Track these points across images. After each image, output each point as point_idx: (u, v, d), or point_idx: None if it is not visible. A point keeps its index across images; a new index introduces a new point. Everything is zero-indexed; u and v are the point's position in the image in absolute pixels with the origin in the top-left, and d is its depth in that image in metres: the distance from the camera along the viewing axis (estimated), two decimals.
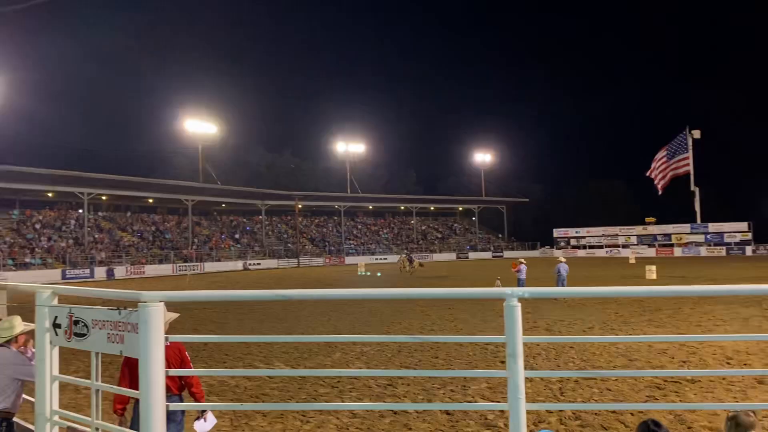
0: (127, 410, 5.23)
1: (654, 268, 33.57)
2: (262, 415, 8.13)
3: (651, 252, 70.15)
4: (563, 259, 24.72)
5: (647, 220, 74.84)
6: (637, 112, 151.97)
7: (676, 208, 77.65)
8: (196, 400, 5.47)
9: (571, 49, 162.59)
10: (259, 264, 62.08)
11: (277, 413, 8.13)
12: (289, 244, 70.39)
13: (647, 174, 73.21)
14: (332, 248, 72.87)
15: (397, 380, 9.89)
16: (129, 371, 5.16)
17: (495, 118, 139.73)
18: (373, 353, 12.39)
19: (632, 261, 53.79)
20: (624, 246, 74.31)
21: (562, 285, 23.33)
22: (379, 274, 45.27)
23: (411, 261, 47.22)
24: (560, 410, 7.86)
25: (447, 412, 8.00)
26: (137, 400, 5.12)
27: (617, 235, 76.59)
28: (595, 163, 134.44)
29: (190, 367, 5.84)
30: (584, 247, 78.14)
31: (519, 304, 3.33)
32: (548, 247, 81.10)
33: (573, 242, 79.91)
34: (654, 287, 3.64)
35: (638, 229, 75.13)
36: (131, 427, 4.71)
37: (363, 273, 47.94)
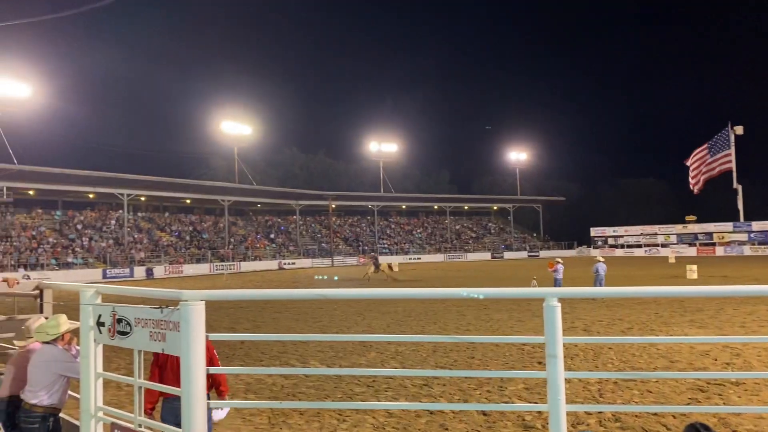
0: (155, 410, 5.29)
1: (695, 267, 32.81)
2: (299, 413, 8.19)
3: (692, 251, 68.51)
4: (601, 259, 24.32)
5: (687, 218, 73.12)
6: (676, 108, 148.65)
7: (716, 206, 75.83)
8: (221, 397, 5.51)
9: (609, 44, 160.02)
10: (293, 263, 62.62)
11: (313, 412, 8.19)
12: (323, 244, 70.83)
13: (687, 163, 71.30)
14: (366, 248, 73.06)
15: (433, 380, 9.86)
16: (159, 371, 5.24)
17: (529, 115, 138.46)
18: (408, 353, 12.37)
19: (672, 260, 52.68)
20: (663, 245, 72.73)
21: (600, 285, 22.96)
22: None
23: (377, 264, 42.06)
24: (599, 412, 7.74)
25: (483, 413, 7.95)
26: (165, 400, 5.23)
27: (656, 233, 75.02)
28: (632, 161, 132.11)
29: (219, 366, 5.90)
30: (622, 246, 76.76)
31: (559, 305, 3.29)
32: (585, 246, 79.92)
33: (610, 241, 78.59)
34: (695, 287, 3.55)
35: (678, 228, 73.45)
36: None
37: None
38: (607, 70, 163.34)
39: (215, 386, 5.54)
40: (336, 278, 16.80)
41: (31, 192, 55.27)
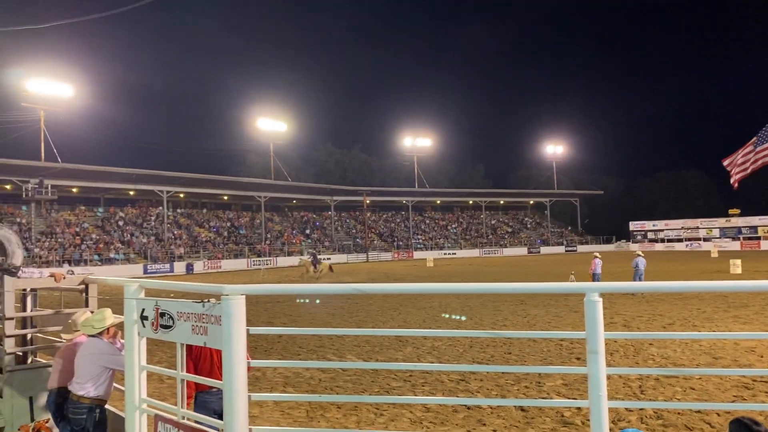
0: (189, 405, 5.37)
1: (739, 262, 31.94)
2: (336, 407, 8.25)
3: (735, 245, 66.65)
4: (641, 253, 23.88)
5: (731, 212, 71.18)
6: (719, 98, 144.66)
7: (761, 199, 73.63)
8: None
9: (649, 35, 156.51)
10: (329, 259, 62.97)
11: (351, 405, 8.24)
12: (358, 239, 71.09)
13: (724, 164, 69.43)
14: (400, 243, 73.06)
15: (470, 375, 9.82)
16: (193, 365, 5.33)
17: (566, 108, 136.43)
18: (444, 348, 12.35)
19: (714, 255, 51.40)
20: (705, 239, 70.96)
21: (640, 280, 22.55)
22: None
23: (316, 263, 38.81)
24: (641, 409, 7.61)
25: (521, 409, 7.89)
26: (197, 393, 5.32)
27: (698, 227, 73.22)
28: (673, 153, 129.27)
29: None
30: (662, 240, 75.17)
31: (600, 300, 3.24)
32: (624, 240, 78.52)
33: (650, 236, 77.05)
34: (739, 282, 3.45)
35: (721, 222, 71.56)
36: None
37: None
38: (646, 61, 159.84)
39: None
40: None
41: (74, 189, 56.84)
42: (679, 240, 73.72)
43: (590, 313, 3.25)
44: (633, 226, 79.21)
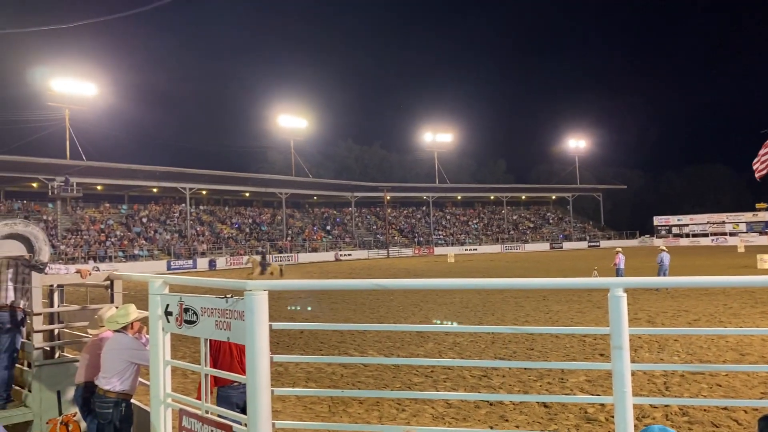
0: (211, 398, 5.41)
1: (767, 257, 31.37)
2: (358, 402, 8.27)
3: (762, 240, 65.49)
4: (665, 248, 23.58)
5: (758, 206, 69.91)
6: (745, 93, 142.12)
7: None
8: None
9: (674, 27, 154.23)
10: (350, 255, 63.19)
11: (373, 401, 8.25)
12: (379, 235, 71.16)
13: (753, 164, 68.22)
14: (421, 239, 72.98)
15: (492, 371, 9.78)
16: (213, 359, 5.38)
17: (589, 102, 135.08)
18: (466, 344, 12.31)
19: (741, 250, 50.53)
20: (731, 234, 69.83)
21: (665, 275, 22.27)
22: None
23: (264, 266, 35.53)
24: (666, 405, 7.52)
25: (544, 405, 7.84)
26: (219, 388, 5.36)
27: (724, 222, 72.08)
28: (697, 147, 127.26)
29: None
30: (687, 235, 74.15)
31: (624, 295, 3.20)
32: (648, 235, 77.57)
33: (675, 230, 76.03)
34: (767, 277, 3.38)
35: (747, 216, 70.40)
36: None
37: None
38: (671, 53, 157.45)
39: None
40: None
41: (98, 187, 57.67)
42: (705, 235, 72.65)
43: (614, 308, 3.22)
44: (657, 220, 78.23)
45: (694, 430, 6.84)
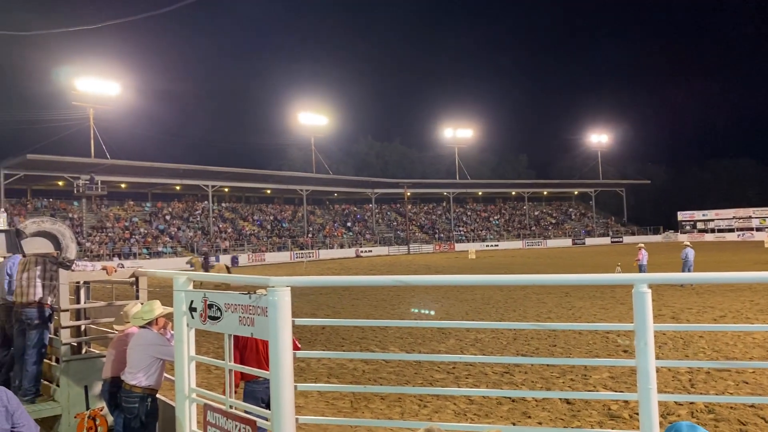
0: (237, 393, 5.47)
1: None
2: (380, 398, 8.30)
3: None
4: (689, 244, 23.26)
5: None
6: None
7: None
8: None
9: (699, 19, 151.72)
10: (370, 251, 63.27)
11: (395, 396, 8.27)
12: (399, 232, 71.14)
13: None
14: (442, 235, 72.82)
15: (514, 368, 9.75)
16: (239, 355, 5.42)
17: (611, 96, 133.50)
18: (487, 340, 12.28)
19: None
20: (758, 229, 68.49)
21: (689, 271, 21.98)
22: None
23: (208, 266, 30.92)
24: (691, 402, 7.43)
25: (567, 401, 7.79)
26: (246, 383, 5.41)
27: (750, 217, 70.74)
28: (722, 141, 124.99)
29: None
30: (712, 230, 72.96)
31: (649, 291, 3.17)
32: (672, 231, 76.48)
33: (699, 226, 74.85)
34: None
35: None
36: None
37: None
38: (695, 46, 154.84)
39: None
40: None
41: (123, 185, 58.42)
42: (731, 230, 71.43)
43: (639, 304, 3.18)
44: (681, 216, 77.13)
45: (720, 427, 6.76)
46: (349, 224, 70.30)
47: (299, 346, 5.30)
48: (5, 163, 47.11)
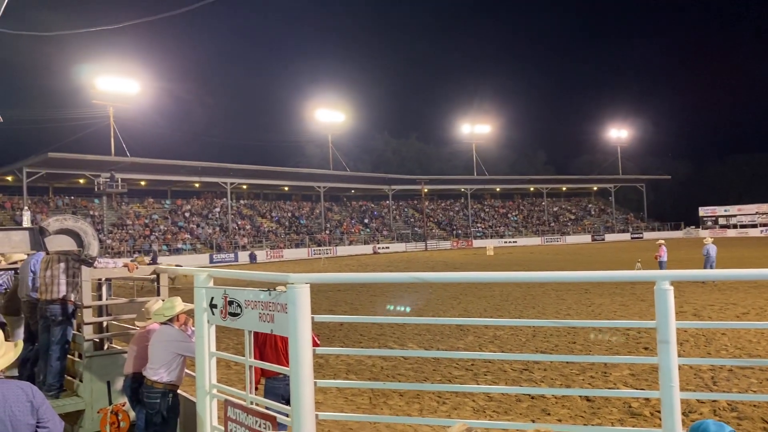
0: (258, 389, 5.50)
1: None
2: (399, 394, 8.31)
3: None
4: (711, 240, 22.96)
5: None
6: None
7: None
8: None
9: (718, 15, 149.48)
10: (387, 248, 63.31)
11: (413, 393, 8.28)
12: (416, 228, 71.10)
13: None
14: (459, 232, 72.62)
15: (533, 365, 9.70)
16: (259, 351, 5.45)
17: (631, 90, 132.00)
18: (506, 337, 12.23)
19: None
20: None
21: (712, 267, 21.70)
22: None
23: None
24: (714, 400, 7.34)
25: (587, 399, 7.74)
26: (266, 380, 5.44)
27: None
28: (744, 135, 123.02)
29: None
30: (735, 226, 71.95)
31: (671, 288, 3.14)
32: (693, 227, 75.55)
33: (721, 221, 73.85)
34: None
35: None
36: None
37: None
38: (715, 37, 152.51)
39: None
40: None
41: (142, 183, 59.05)
42: (754, 226, 70.39)
43: (661, 301, 3.15)
44: (703, 211, 76.14)
45: (743, 425, 6.67)
46: (366, 221, 70.40)
47: (318, 342, 5.32)
48: (27, 162, 47.82)
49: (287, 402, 4.24)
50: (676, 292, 3.03)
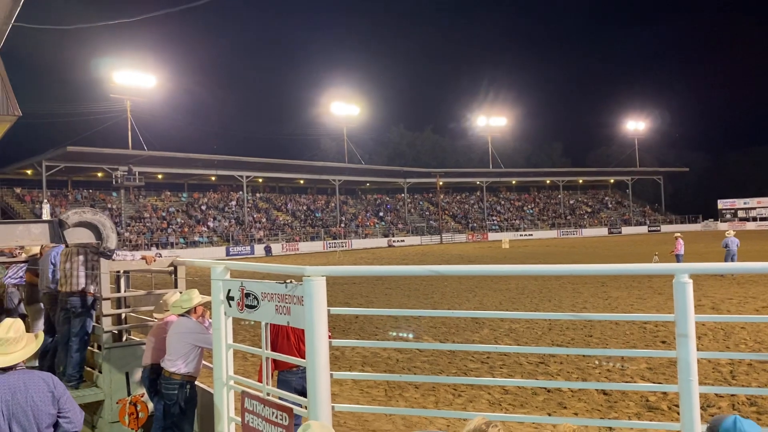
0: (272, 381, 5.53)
1: None
2: (414, 387, 8.33)
3: None
4: (732, 233, 22.66)
5: None
6: None
7: None
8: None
9: (737, 4, 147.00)
10: (402, 241, 63.29)
11: (429, 386, 8.29)
12: (432, 221, 71.00)
13: None
14: (474, 225, 72.40)
15: (549, 358, 9.67)
16: (271, 344, 5.47)
17: (648, 82, 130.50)
18: (522, 330, 12.20)
19: None
20: None
21: (732, 261, 21.44)
22: None
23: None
24: (733, 395, 7.27)
25: (604, 392, 7.71)
26: (279, 373, 5.47)
27: None
28: (763, 127, 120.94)
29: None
30: (754, 219, 70.98)
31: (690, 281, 3.10)
32: (711, 220, 74.66)
33: (741, 214, 72.87)
34: None
35: None
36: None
37: None
38: (733, 28, 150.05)
39: None
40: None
41: (159, 176, 59.49)
42: None
43: (680, 295, 3.12)
44: (722, 204, 75.20)
45: (763, 420, 6.60)
46: (381, 214, 70.40)
47: (330, 335, 5.34)
48: (47, 155, 48.40)
49: (300, 395, 4.27)
50: (695, 286, 3.00)
